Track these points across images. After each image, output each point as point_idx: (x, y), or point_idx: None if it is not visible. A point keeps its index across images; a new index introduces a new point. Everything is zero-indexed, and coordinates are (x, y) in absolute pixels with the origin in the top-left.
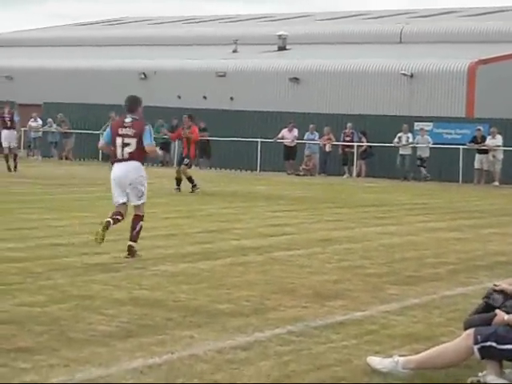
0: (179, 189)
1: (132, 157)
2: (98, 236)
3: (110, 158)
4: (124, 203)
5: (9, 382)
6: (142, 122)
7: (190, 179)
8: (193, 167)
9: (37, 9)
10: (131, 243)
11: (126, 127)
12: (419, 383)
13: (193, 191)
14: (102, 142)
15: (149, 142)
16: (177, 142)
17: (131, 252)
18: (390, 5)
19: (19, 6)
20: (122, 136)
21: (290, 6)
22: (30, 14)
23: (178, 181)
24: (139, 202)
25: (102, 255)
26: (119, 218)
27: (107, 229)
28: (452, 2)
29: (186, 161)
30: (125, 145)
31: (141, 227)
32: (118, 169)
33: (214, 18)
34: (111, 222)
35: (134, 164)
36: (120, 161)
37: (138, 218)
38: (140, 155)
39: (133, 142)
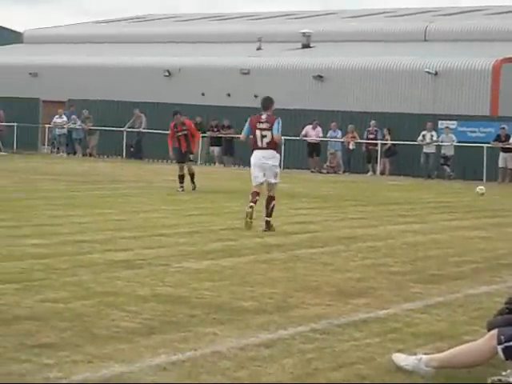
0: (183, 187)
1: (269, 146)
2: (247, 225)
3: (251, 146)
4: (261, 183)
5: (32, 378)
6: (274, 117)
7: (193, 176)
8: (216, 164)
9: (61, 6)
10: (267, 218)
11: (262, 122)
12: (442, 381)
13: (194, 189)
14: (243, 135)
15: (276, 133)
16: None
17: (268, 225)
18: (415, 3)
19: (43, 3)
20: (261, 130)
21: (315, 3)
22: (53, 11)
23: (181, 178)
24: (275, 181)
25: (126, 252)
26: (257, 198)
27: (251, 215)
28: (477, 1)
29: (192, 156)
30: (263, 136)
31: (274, 205)
32: (260, 155)
33: (239, 15)
34: (254, 205)
35: (271, 152)
36: (260, 149)
37: (271, 199)
38: (275, 144)
39: (268, 134)
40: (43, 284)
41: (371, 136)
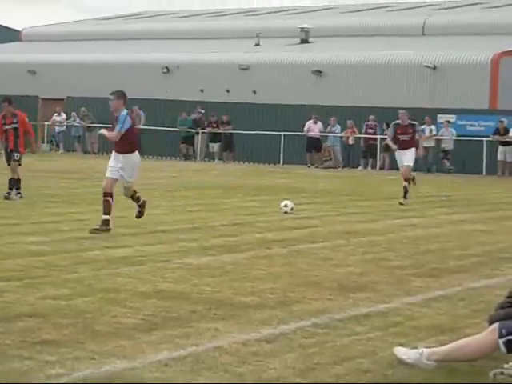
0: (10, 193)
1: None
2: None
3: None
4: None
5: (34, 375)
6: None
7: (18, 181)
8: (216, 160)
9: (58, 4)
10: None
11: None
12: (444, 375)
13: (18, 195)
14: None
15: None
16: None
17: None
18: None
19: (41, 1)
20: None
21: None
22: (52, 8)
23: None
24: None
25: (126, 248)
26: None
27: None
28: None
29: (17, 156)
30: None
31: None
32: None
33: (237, 11)
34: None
35: None
36: None
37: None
38: None
39: None
40: (44, 281)
41: (370, 130)
